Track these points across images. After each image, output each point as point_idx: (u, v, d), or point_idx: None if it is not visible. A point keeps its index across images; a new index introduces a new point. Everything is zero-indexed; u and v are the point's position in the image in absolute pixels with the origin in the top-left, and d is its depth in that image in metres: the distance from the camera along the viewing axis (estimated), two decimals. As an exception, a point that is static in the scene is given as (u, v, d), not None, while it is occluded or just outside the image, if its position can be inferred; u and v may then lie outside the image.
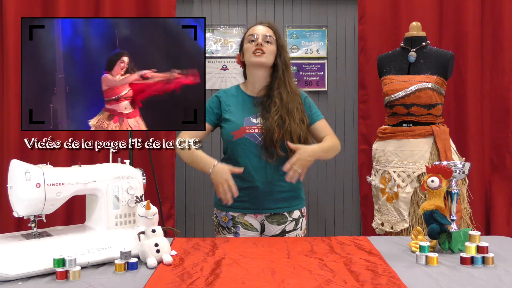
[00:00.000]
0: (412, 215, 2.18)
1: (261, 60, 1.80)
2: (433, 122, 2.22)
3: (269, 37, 1.82)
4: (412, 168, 2.18)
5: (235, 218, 1.84)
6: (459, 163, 1.53)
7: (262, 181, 1.79)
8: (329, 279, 1.20)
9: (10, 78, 2.55)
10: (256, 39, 1.81)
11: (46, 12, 2.62)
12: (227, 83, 2.88)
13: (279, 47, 1.84)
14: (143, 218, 1.36)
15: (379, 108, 2.68)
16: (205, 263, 1.33)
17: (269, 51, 1.81)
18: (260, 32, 1.83)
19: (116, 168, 1.49)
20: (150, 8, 2.68)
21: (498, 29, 2.72)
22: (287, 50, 1.91)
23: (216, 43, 2.89)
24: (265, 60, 1.81)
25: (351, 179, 2.98)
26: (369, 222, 2.65)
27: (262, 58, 1.80)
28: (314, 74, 2.93)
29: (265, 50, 1.80)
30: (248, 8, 2.91)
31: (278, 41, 1.84)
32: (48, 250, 1.27)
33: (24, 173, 1.31)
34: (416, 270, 1.28)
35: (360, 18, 2.79)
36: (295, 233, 1.86)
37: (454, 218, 1.50)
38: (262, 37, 1.81)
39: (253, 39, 1.82)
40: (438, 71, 2.23)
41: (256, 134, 1.78)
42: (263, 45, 1.80)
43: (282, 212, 1.84)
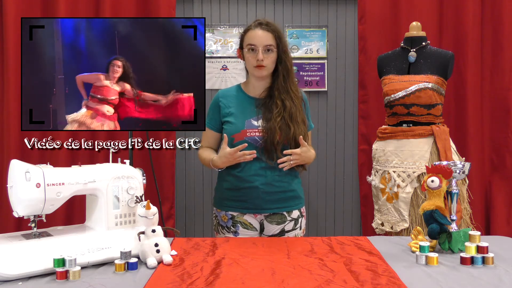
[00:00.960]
0: (412, 215, 2.18)
1: (262, 73, 1.80)
2: (433, 122, 2.22)
3: (270, 46, 1.78)
4: (412, 168, 2.18)
5: (235, 217, 1.84)
6: (459, 163, 1.53)
7: (262, 182, 1.79)
8: (329, 279, 1.20)
9: (10, 78, 2.55)
10: (256, 52, 1.77)
11: (46, 12, 2.62)
12: (227, 83, 2.88)
13: (280, 53, 1.80)
14: (143, 218, 1.36)
15: (379, 108, 2.67)
16: (205, 263, 1.33)
17: (270, 61, 1.79)
18: (260, 41, 1.77)
19: (116, 168, 1.49)
20: (150, 8, 2.68)
21: (498, 29, 2.72)
22: (289, 51, 1.86)
23: (216, 43, 2.89)
24: (266, 73, 1.81)
25: (351, 179, 2.98)
26: (369, 222, 2.65)
27: (263, 72, 1.80)
28: (314, 74, 2.93)
29: (266, 63, 1.78)
30: (248, 8, 2.91)
31: (279, 46, 1.80)
32: (48, 250, 1.27)
33: (24, 173, 1.31)
34: (416, 270, 1.28)
35: (360, 18, 2.79)
36: (294, 232, 1.86)
37: (454, 218, 1.50)
38: (263, 48, 1.77)
39: (253, 49, 1.78)
40: (438, 71, 2.23)
41: (257, 137, 1.78)
42: (263, 59, 1.77)
43: (281, 212, 1.84)
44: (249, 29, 1.82)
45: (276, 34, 1.80)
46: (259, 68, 1.78)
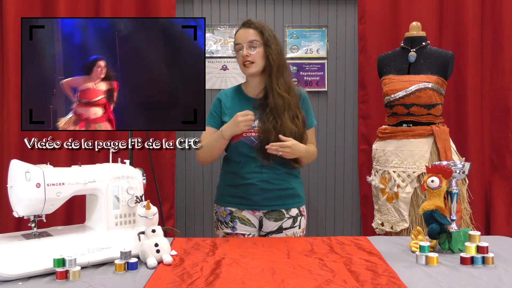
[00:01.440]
0: (412, 215, 2.18)
1: (250, 71, 1.82)
2: (433, 122, 2.22)
3: (253, 42, 1.80)
4: (412, 168, 2.18)
5: (233, 213, 1.85)
6: (459, 163, 1.53)
7: (259, 179, 1.81)
8: (329, 279, 1.20)
9: (10, 78, 2.55)
10: (241, 49, 1.81)
11: (46, 12, 2.62)
12: (227, 83, 2.88)
13: (265, 47, 1.81)
14: (143, 218, 1.36)
15: (379, 108, 2.67)
16: (205, 263, 1.33)
17: (256, 57, 1.80)
18: (243, 39, 1.81)
19: (116, 168, 1.49)
20: (150, 8, 2.68)
21: (498, 29, 2.72)
22: (278, 46, 1.84)
23: (216, 43, 2.89)
24: (255, 70, 1.82)
25: (351, 179, 2.98)
26: (369, 222, 2.65)
27: (251, 69, 1.81)
28: (314, 74, 2.93)
29: (253, 59, 1.79)
30: (248, 8, 2.91)
31: (263, 41, 1.81)
32: (48, 250, 1.27)
33: (24, 173, 1.31)
34: (416, 270, 1.28)
35: (360, 18, 2.79)
36: (293, 231, 1.86)
37: (454, 218, 1.50)
38: (247, 45, 1.80)
39: (239, 48, 1.82)
40: (438, 71, 2.23)
41: (253, 137, 1.80)
42: (248, 55, 1.79)
43: (279, 209, 1.84)
44: (236, 31, 1.87)
45: (260, 30, 1.81)
46: (246, 66, 1.81)
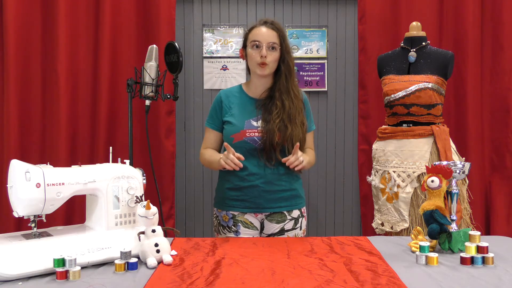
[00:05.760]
0: (412, 215, 2.18)
1: (265, 72, 1.80)
2: (433, 122, 2.22)
3: (274, 44, 1.78)
4: (412, 168, 2.18)
5: (236, 216, 1.84)
6: (459, 163, 1.53)
7: (262, 181, 1.80)
8: (329, 279, 1.20)
9: (10, 78, 2.54)
10: (260, 48, 1.77)
11: (46, 12, 2.60)
12: (227, 83, 2.87)
13: (283, 52, 1.81)
14: (143, 218, 1.36)
15: (379, 108, 2.67)
16: (205, 263, 1.33)
17: (272, 60, 1.79)
18: (264, 38, 1.78)
19: (116, 168, 1.49)
20: (150, 8, 2.67)
21: (498, 29, 2.72)
22: (292, 53, 1.86)
23: (216, 43, 2.89)
24: (268, 72, 1.80)
25: (351, 179, 2.98)
26: (369, 222, 2.65)
27: (265, 71, 1.79)
28: (314, 74, 2.93)
29: (269, 61, 1.77)
30: (248, 8, 2.90)
31: (282, 45, 1.80)
32: (48, 250, 1.27)
33: (24, 173, 1.31)
34: (416, 270, 1.28)
35: (360, 18, 2.79)
36: (294, 232, 1.86)
37: (454, 218, 1.50)
38: (267, 45, 1.77)
39: (257, 45, 1.78)
40: (438, 71, 2.23)
41: (256, 137, 1.79)
42: (267, 56, 1.77)
43: (281, 211, 1.84)
44: (254, 27, 1.84)
45: (281, 33, 1.81)
46: (261, 66, 1.78)
